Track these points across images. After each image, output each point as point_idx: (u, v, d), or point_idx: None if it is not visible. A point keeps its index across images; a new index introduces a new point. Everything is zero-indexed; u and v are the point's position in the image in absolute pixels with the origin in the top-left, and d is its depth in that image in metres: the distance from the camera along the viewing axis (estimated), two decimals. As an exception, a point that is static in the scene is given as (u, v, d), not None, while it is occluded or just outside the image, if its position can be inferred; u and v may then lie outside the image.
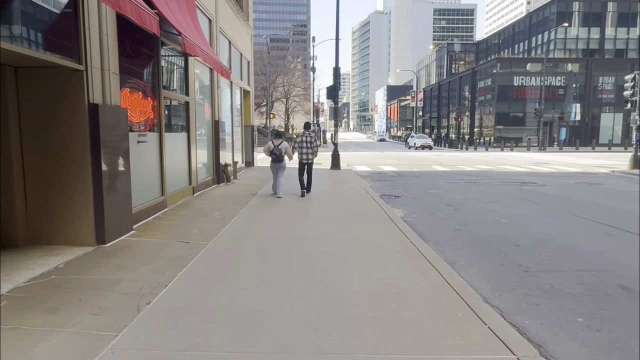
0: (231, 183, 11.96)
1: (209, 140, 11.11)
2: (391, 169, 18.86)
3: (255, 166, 17.85)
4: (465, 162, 23.14)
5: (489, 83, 45.36)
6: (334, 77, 17.03)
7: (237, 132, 14.88)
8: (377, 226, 6.90)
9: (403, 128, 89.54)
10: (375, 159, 27.05)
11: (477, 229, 7.33)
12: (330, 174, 15.53)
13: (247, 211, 7.96)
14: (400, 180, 14.91)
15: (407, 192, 11.94)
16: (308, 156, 10.17)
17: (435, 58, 77.30)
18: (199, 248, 5.32)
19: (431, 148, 41.04)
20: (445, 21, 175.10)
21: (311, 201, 9.40)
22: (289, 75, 65.36)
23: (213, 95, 11.13)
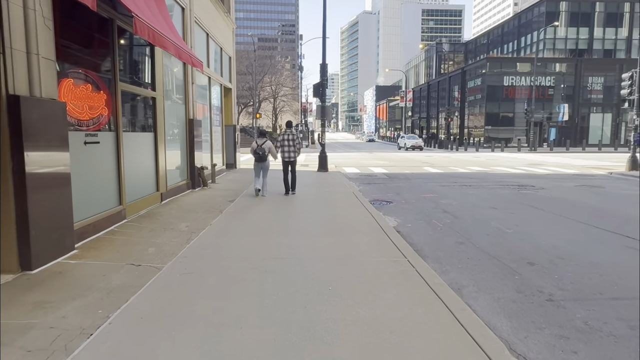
0: (208, 188, 10.94)
1: (183, 140, 10.09)
2: (381, 171, 17.98)
3: (237, 168, 16.82)
4: (457, 164, 22.39)
5: (479, 83, 44.89)
6: (321, 74, 16.10)
7: (217, 131, 13.85)
8: (368, 239, 5.97)
9: (392, 128, 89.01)
10: (365, 160, 26.18)
11: (482, 241, 6.45)
12: (317, 177, 14.59)
13: (220, 221, 6.97)
14: (391, 183, 14.02)
15: (399, 197, 11.05)
16: (290, 154, 10.16)
17: (424, 58, 76.90)
18: (151, 274, 4.33)
19: (422, 149, 40.37)
20: (433, 22, 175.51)
21: (294, 208, 8.44)
22: (277, 75, 64.30)
23: (187, 91, 10.11)
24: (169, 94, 9.15)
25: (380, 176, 16.14)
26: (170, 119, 9.25)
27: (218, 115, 13.92)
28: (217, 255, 5.06)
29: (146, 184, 7.74)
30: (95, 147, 5.85)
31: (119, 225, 6.31)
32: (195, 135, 10.43)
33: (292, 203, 9.06)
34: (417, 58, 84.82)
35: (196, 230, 6.24)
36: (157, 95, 8.06)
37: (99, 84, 5.98)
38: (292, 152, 10.15)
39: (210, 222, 6.84)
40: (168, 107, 8.96)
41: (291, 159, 10.18)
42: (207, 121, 12.46)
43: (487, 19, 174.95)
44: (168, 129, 8.97)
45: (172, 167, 9.23)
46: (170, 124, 9.20)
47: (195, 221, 6.90)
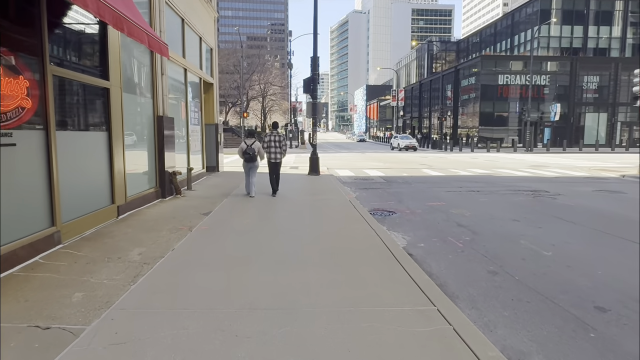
0: (182, 196, 9.41)
1: (150, 141, 8.55)
2: (378, 174, 16.59)
3: (220, 172, 15.28)
4: (456, 165, 21.10)
5: (473, 82, 43.80)
6: (312, 68, 14.65)
7: (196, 131, 12.32)
8: (377, 272, 4.53)
9: (383, 128, 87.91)
10: (358, 161, 24.79)
11: (520, 269, 5.06)
12: (308, 182, 13.12)
13: (187, 244, 5.47)
14: (390, 188, 12.62)
15: (402, 206, 9.66)
16: (276, 155, 9.94)
17: (416, 57, 75.90)
18: (58, 346, 2.83)
19: (415, 149, 39.13)
20: (423, 21, 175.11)
21: (282, 222, 6.97)
22: (266, 74, 62.63)
23: (155, 84, 8.58)
24: (131, 85, 7.62)
25: (377, 180, 14.74)
26: (133, 116, 7.72)
27: (197, 113, 12.38)
28: (169, 306, 3.57)
29: (94, 196, 6.20)
30: (10, 150, 4.32)
31: (48, 254, 4.77)
32: (166, 135, 8.90)
33: (279, 215, 7.59)
34: (408, 57, 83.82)
35: (151, 260, 4.74)
36: (112, 86, 6.53)
37: (18, 66, 4.45)
38: (278, 154, 9.95)
39: (174, 246, 5.34)
40: (129, 101, 7.43)
41: (277, 160, 9.96)
42: (181, 119, 10.92)
43: (476, 19, 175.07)
44: (129, 127, 7.44)
45: (134, 173, 7.70)
46: (132, 121, 7.67)
47: (154, 245, 5.40)
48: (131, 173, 7.51)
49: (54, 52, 5.28)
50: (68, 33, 5.81)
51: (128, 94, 7.35)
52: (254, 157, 9.46)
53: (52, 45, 5.20)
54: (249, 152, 9.36)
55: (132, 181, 7.54)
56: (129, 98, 7.40)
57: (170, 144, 9.18)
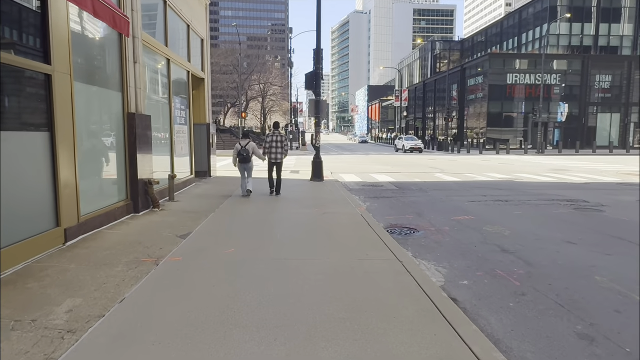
0: (160, 209, 7.83)
1: (118, 144, 6.98)
2: (387, 179, 15.01)
3: (212, 177, 13.70)
4: (469, 169, 19.51)
5: (480, 81, 42.22)
6: (315, 61, 13.08)
7: (182, 131, 10.75)
8: (421, 344, 2.95)
9: (385, 129, 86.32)
10: (363, 164, 23.22)
11: (622, 332, 3.48)
12: (312, 189, 11.54)
13: (145, 290, 3.90)
14: (404, 197, 11.04)
15: (423, 220, 8.09)
16: (277, 156, 9.94)
17: (419, 56, 74.33)
18: None
19: (421, 150, 37.56)
20: (425, 21, 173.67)
21: (280, 249, 5.38)
22: (266, 73, 61.04)
23: (125, 73, 7.00)
24: (88, 73, 6.05)
25: (387, 187, 13.16)
26: (92, 112, 6.16)
27: (183, 111, 10.82)
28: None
29: (27, 218, 4.63)
30: None
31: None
32: (139, 136, 7.33)
33: (276, 240, 5.99)
34: (410, 57, 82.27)
35: (82, 325, 3.16)
36: (56, 72, 4.96)
37: None
38: (278, 154, 9.94)
39: (125, 293, 3.77)
40: (85, 94, 5.87)
41: (277, 160, 9.95)
42: (164, 117, 9.35)
43: (478, 19, 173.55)
44: (85, 126, 5.87)
45: (92, 185, 6.14)
46: (90, 118, 6.10)
47: (98, 292, 3.82)
48: (88, 185, 5.94)
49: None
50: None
51: (83, 83, 5.78)
52: (248, 157, 9.49)
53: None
54: (242, 153, 9.40)
55: (90, 195, 5.97)
56: (84, 89, 5.83)
57: (145, 146, 7.60)
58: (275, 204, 8.90)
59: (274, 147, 9.84)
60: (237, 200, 9.41)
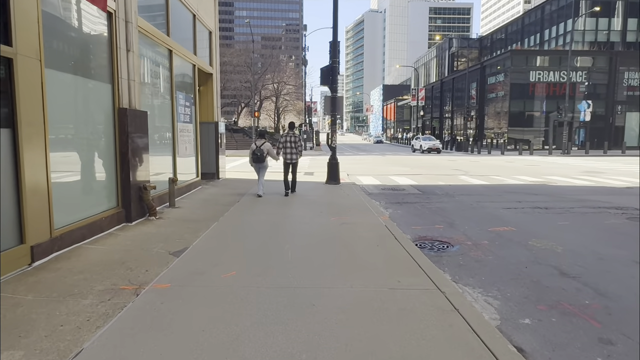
0: (157, 218, 6.92)
1: (107, 143, 6.09)
2: (408, 182, 13.93)
3: (221, 179, 12.81)
4: (495, 171, 18.28)
5: (501, 79, 40.68)
6: (331, 54, 12.08)
7: (187, 130, 9.86)
8: None
9: (401, 129, 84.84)
10: (380, 165, 22.13)
11: None
12: (327, 193, 10.55)
13: (111, 338, 2.96)
14: (430, 202, 9.98)
15: (457, 232, 7.04)
16: (292, 156, 9.89)
17: (436, 55, 72.73)
18: None
19: (439, 151, 36.28)
20: (441, 20, 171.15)
21: (290, 283, 4.39)
22: (280, 73, 60.20)
23: (116, 63, 6.12)
24: (65, 60, 5.16)
25: (409, 190, 12.09)
26: (73, 106, 5.28)
27: (188, 108, 9.93)
28: None
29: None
30: None
31: None
32: (133, 135, 6.43)
33: (287, 258, 5.01)
34: (427, 55, 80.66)
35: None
36: (19, 55, 4.07)
37: None
38: (293, 154, 9.88)
39: (84, 342, 2.83)
40: (62, 84, 4.98)
41: (292, 160, 9.91)
42: (165, 114, 8.47)
43: (496, 17, 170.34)
44: (63, 121, 4.98)
45: (73, 191, 5.25)
46: (71, 113, 5.22)
47: (49, 338, 2.89)
48: (67, 191, 5.06)
49: None
50: None
51: (60, 72, 4.89)
52: (262, 157, 9.44)
53: None
54: (257, 153, 9.40)
55: (69, 203, 5.08)
56: (61, 79, 4.94)
57: (140, 146, 6.70)
58: (287, 211, 7.94)
59: (289, 148, 9.79)
60: (245, 206, 8.47)
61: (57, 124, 4.83)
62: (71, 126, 5.25)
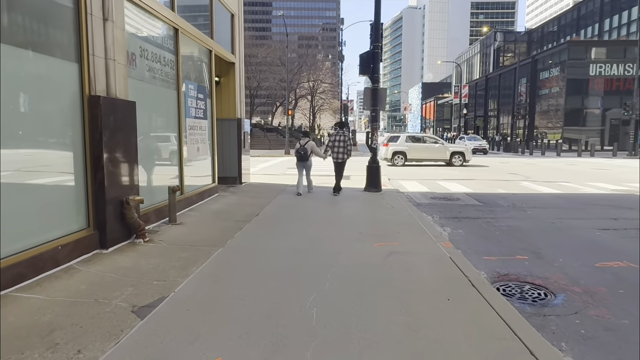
0: (145, 241, 5.30)
1: (74, 142, 4.52)
2: (461, 189, 11.82)
3: (244, 184, 11.19)
4: (560, 175, 15.76)
5: (556, 73, 37.25)
6: (373, 39, 10.20)
7: (199, 127, 8.27)
8: None
9: (440, 129, 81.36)
10: (423, 168, 19.96)
11: None
12: (367, 205, 8.69)
13: None
14: (496, 218, 7.91)
15: (551, 268, 5.02)
16: (340, 156, 9.56)
17: (479, 50, 68.97)
18: None
19: (486, 152, 33.45)
20: (483, 15, 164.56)
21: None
22: (317, 71, 58.50)
23: (86, 36, 4.53)
24: (11, 29, 3.59)
25: (465, 200, 10.03)
26: (12, 91, 3.69)
27: (202, 101, 8.34)
28: None
29: None
30: None
31: None
32: (113, 132, 4.85)
33: (312, 320, 3.22)
34: (469, 51, 76.86)
35: None
36: None
37: None
38: (341, 154, 9.58)
39: None
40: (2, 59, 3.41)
41: (339, 160, 9.65)
42: (167, 107, 6.89)
43: (542, 12, 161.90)
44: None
45: (14, 210, 3.65)
46: (13, 101, 3.65)
47: None
48: (5, 210, 3.48)
49: None
50: None
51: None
52: (305, 156, 9.37)
53: None
54: (300, 152, 9.38)
55: (8, 227, 3.50)
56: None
57: (123, 148, 5.10)
58: (316, 232, 6.15)
59: (337, 147, 9.55)
60: (265, 221, 6.76)
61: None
62: (15, 119, 3.68)
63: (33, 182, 4.08)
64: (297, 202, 8.86)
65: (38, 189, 4.14)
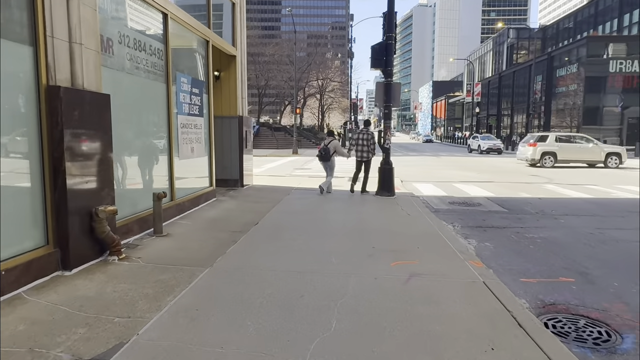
0: (120, 259, 4.50)
1: (30, 142, 3.73)
2: (481, 193, 10.89)
3: (247, 186, 10.38)
4: (584, 177, 14.72)
5: (573, 70, 35.92)
6: (386, 29, 9.32)
7: (194, 125, 7.47)
8: None
9: (451, 128, 79.99)
10: (437, 168, 19.01)
11: None
12: (380, 212, 7.82)
13: None
14: (526, 227, 7.00)
15: (606, 295, 4.14)
16: (364, 155, 9.40)
17: (492, 47, 67.45)
18: None
19: (500, 152, 32.35)
20: (495, 13, 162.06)
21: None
22: (326, 70, 57.49)
23: (41, 13, 3.74)
24: None
25: (487, 205, 9.11)
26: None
27: (197, 96, 7.54)
28: None
29: None
30: None
31: None
32: (77, 131, 4.06)
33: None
34: (481, 49, 75.31)
35: None
36: None
37: None
38: (364, 152, 9.38)
39: None
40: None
41: (363, 158, 9.44)
42: (152, 101, 6.09)
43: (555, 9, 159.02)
44: None
45: None
46: None
47: None
48: None
49: None
50: None
51: None
52: (326, 156, 9.32)
53: None
54: (321, 152, 9.37)
55: None
56: None
57: (91, 149, 4.31)
58: (321, 246, 5.30)
59: (360, 145, 9.43)
60: (264, 233, 5.93)
61: None
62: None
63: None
64: (302, 207, 8.03)
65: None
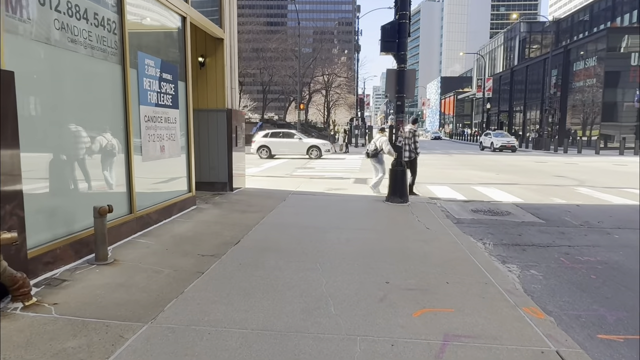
0: (26, 305, 3.16)
1: None
2: (506, 198, 9.45)
3: (237, 190, 9.02)
4: (615, 179, 13.20)
5: (592, 63, 34.15)
6: (399, 6, 7.89)
7: (164, 119, 6.11)
8: None
9: (460, 124, 78.16)
10: (451, 168, 17.54)
11: None
12: (393, 225, 6.42)
13: None
14: (574, 246, 5.57)
15: None
16: (407, 154, 8.94)
17: (503, 41, 65.50)
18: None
19: (515, 149, 30.73)
20: (504, 7, 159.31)
21: None
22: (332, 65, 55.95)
23: None
24: None
25: (517, 214, 7.67)
26: None
27: (169, 83, 6.18)
28: None
29: None
30: None
31: None
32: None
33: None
34: (492, 43, 73.33)
35: None
36: None
37: None
38: (407, 152, 8.96)
39: None
40: None
41: (410, 157, 9.00)
42: (98, 88, 4.73)
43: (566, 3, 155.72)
44: None
45: None
46: None
47: None
48: None
49: None
50: None
51: None
52: (373, 153, 9.09)
53: None
54: (368, 150, 9.25)
55: None
56: None
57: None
58: (320, 277, 3.92)
59: (407, 144, 9.07)
60: (245, 256, 4.55)
61: None
62: None
63: None
64: (298, 219, 6.67)
65: None
